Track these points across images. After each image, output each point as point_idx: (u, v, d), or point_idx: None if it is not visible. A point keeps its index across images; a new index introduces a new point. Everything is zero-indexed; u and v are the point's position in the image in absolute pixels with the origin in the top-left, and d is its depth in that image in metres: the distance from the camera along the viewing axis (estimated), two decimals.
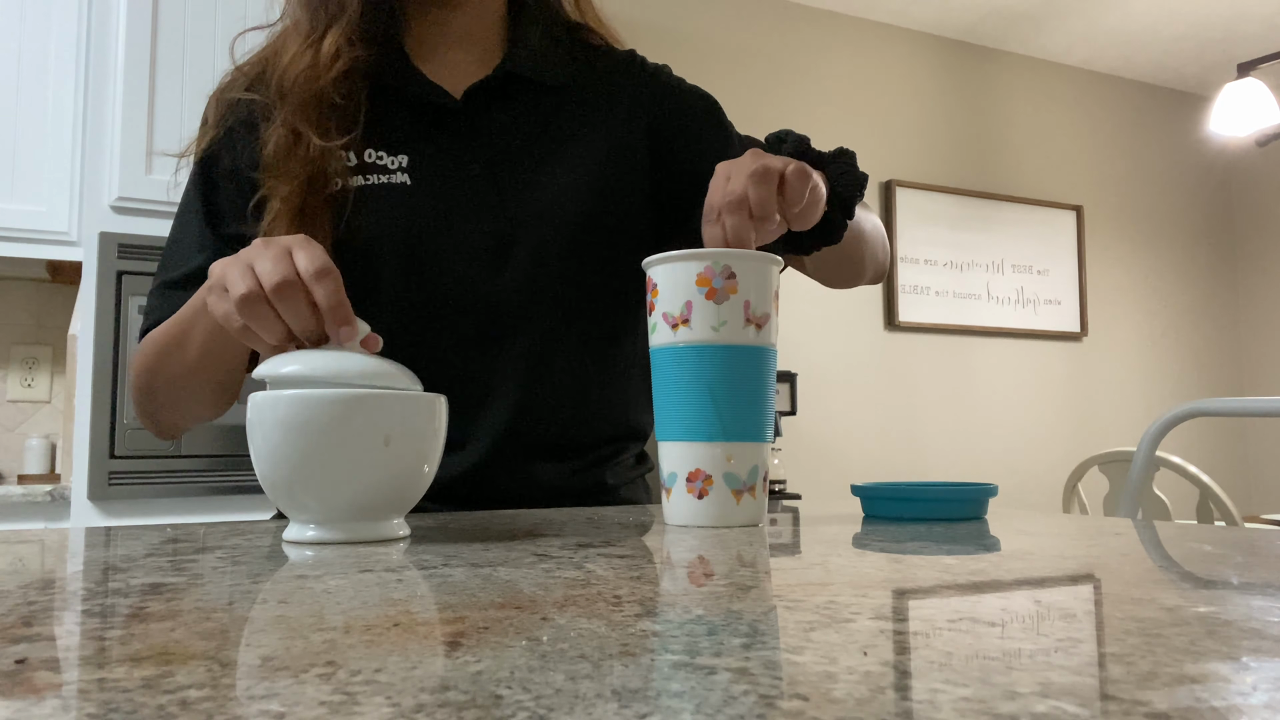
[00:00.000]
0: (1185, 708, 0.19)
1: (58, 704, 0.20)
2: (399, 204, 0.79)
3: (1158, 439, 1.33)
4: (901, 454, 3.29)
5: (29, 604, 0.32)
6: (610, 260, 0.85)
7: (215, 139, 0.82)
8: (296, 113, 0.77)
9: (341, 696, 0.20)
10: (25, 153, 2.04)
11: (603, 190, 0.85)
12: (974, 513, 0.66)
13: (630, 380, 0.89)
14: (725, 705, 0.20)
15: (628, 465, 0.89)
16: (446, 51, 0.86)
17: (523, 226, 0.81)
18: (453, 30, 0.86)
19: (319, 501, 0.51)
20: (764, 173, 0.61)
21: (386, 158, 0.80)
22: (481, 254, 0.80)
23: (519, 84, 0.85)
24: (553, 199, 0.82)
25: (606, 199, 0.85)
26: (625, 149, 0.87)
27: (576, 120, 0.86)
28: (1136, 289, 3.86)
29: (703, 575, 0.38)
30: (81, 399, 1.76)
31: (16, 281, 2.37)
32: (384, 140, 0.80)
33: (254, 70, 0.82)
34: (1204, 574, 0.38)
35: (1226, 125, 2.78)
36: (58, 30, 2.08)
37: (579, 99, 0.87)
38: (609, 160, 0.86)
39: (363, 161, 0.80)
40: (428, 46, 0.86)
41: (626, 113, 0.89)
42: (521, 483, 0.81)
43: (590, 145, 0.86)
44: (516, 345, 0.81)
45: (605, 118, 0.88)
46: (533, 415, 0.81)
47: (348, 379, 0.52)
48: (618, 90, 0.90)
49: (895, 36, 3.46)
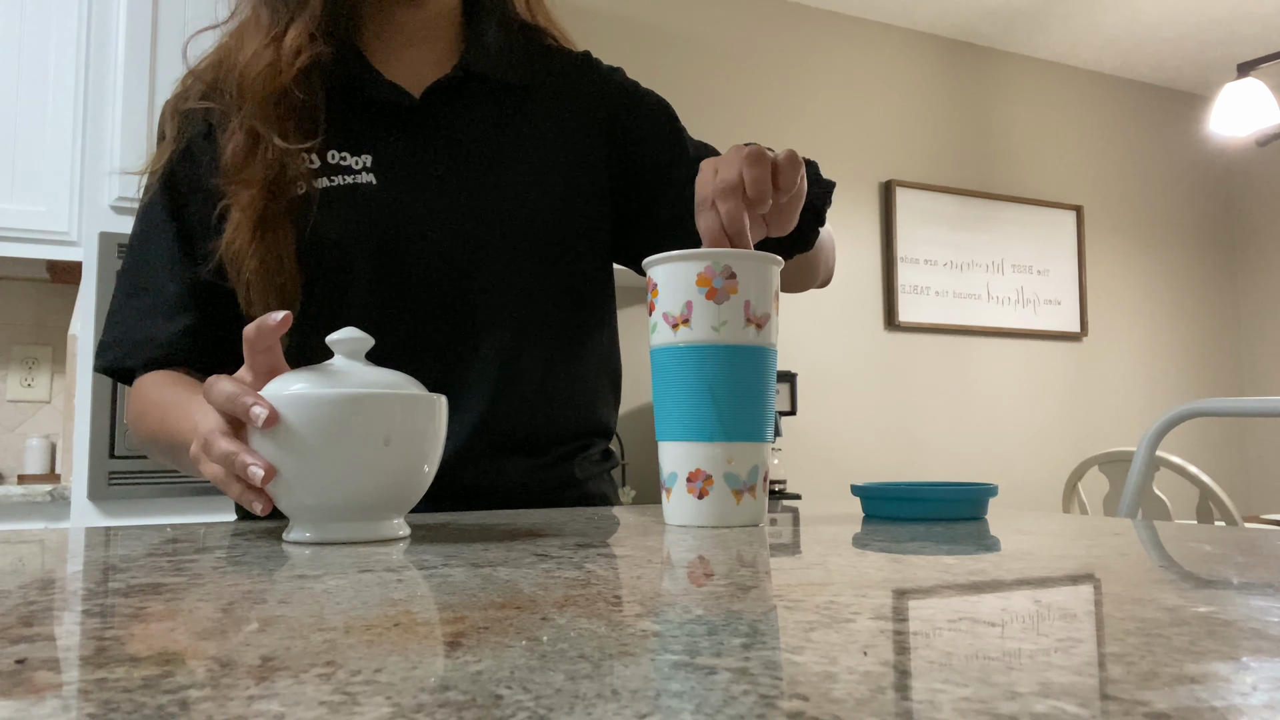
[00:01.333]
0: (1185, 708, 0.19)
1: (58, 704, 0.20)
2: (367, 204, 0.78)
3: (1158, 439, 1.33)
4: (901, 454, 3.29)
5: (29, 604, 0.32)
6: (576, 257, 0.86)
7: (175, 153, 0.81)
8: (256, 113, 0.75)
9: (341, 696, 0.20)
10: (25, 153, 2.04)
11: (566, 188, 0.85)
12: (974, 513, 0.66)
13: (595, 376, 0.90)
14: (725, 705, 0.20)
15: (594, 460, 0.90)
16: (403, 50, 0.86)
17: (491, 227, 0.81)
18: (409, 29, 0.86)
19: (319, 501, 0.51)
20: (758, 155, 0.61)
21: (350, 158, 0.79)
22: (453, 254, 0.81)
23: (477, 82, 0.85)
24: (518, 198, 0.83)
25: (570, 197, 0.85)
26: (584, 147, 0.88)
27: (536, 118, 0.87)
28: (1136, 289, 3.86)
29: (703, 575, 0.38)
30: (81, 399, 1.76)
31: (16, 281, 2.37)
32: (346, 141, 0.79)
33: (209, 74, 0.81)
34: (1204, 574, 0.38)
35: (1226, 125, 2.78)
36: (58, 30, 2.08)
37: (537, 98, 0.88)
38: (570, 158, 0.86)
39: (326, 163, 0.79)
40: (383, 45, 0.86)
41: (584, 111, 0.89)
42: (491, 478, 0.81)
43: (551, 144, 0.86)
44: (488, 343, 0.81)
45: (564, 116, 0.88)
46: (503, 411, 0.81)
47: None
48: (574, 89, 0.90)
49: (895, 36, 3.46)
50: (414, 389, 0.54)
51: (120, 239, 1.77)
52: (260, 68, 0.76)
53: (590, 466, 0.89)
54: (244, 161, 0.75)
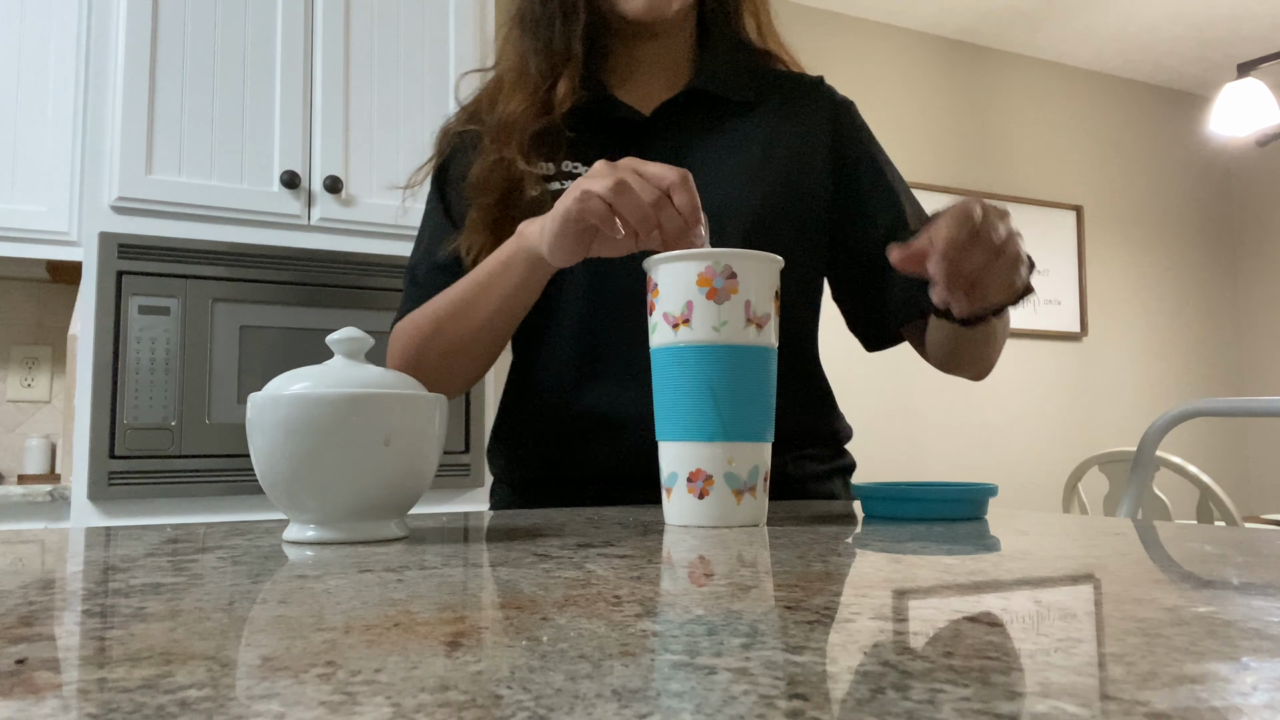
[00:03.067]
0: (1185, 708, 0.19)
1: (58, 704, 0.20)
2: None
3: (1158, 439, 1.33)
4: (901, 454, 3.29)
5: (29, 604, 0.32)
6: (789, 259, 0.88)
7: (441, 161, 0.95)
8: (513, 144, 0.86)
9: (341, 696, 0.20)
10: (25, 153, 2.04)
11: (781, 190, 0.89)
12: (974, 513, 0.66)
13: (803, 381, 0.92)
14: (725, 705, 0.20)
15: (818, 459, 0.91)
16: (640, 76, 0.94)
17: None
18: (647, 58, 0.94)
19: (319, 501, 0.51)
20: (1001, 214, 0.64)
21: (582, 167, 0.87)
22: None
23: (705, 100, 0.91)
24: (728, 196, 0.86)
25: (784, 198, 0.89)
26: (806, 155, 0.92)
27: (759, 130, 0.91)
28: (1136, 289, 3.86)
29: (703, 575, 0.38)
30: (81, 399, 1.76)
31: (16, 281, 2.37)
32: (578, 153, 0.88)
33: (471, 106, 0.95)
34: (1204, 574, 0.38)
35: (1226, 125, 2.78)
36: (58, 30, 2.08)
37: (761, 112, 0.92)
38: (788, 163, 0.90)
39: (560, 170, 0.87)
40: (622, 73, 0.94)
41: (811, 127, 0.93)
42: None
43: (771, 150, 0.90)
44: None
45: (785, 127, 0.92)
46: None
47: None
48: (804, 109, 0.95)
49: (895, 36, 3.46)
50: (414, 389, 0.54)
51: (120, 239, 1.77)
52: (530, 114, 0.87)
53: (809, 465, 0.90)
54: (488, 176, 0.86)
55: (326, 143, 1.94)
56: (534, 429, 0.90)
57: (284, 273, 1.88)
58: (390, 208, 1.98)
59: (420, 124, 2.03)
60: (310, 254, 1.91)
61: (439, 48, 2.07)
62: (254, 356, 1.85)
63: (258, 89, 1.90)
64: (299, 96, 1.93)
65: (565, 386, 0.87)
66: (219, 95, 1.87)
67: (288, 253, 1.89)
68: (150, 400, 1.77)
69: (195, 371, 1.80)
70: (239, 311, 1.84)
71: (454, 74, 2.07)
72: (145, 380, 1.77)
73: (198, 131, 1.85)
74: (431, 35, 2.07)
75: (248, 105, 1.89)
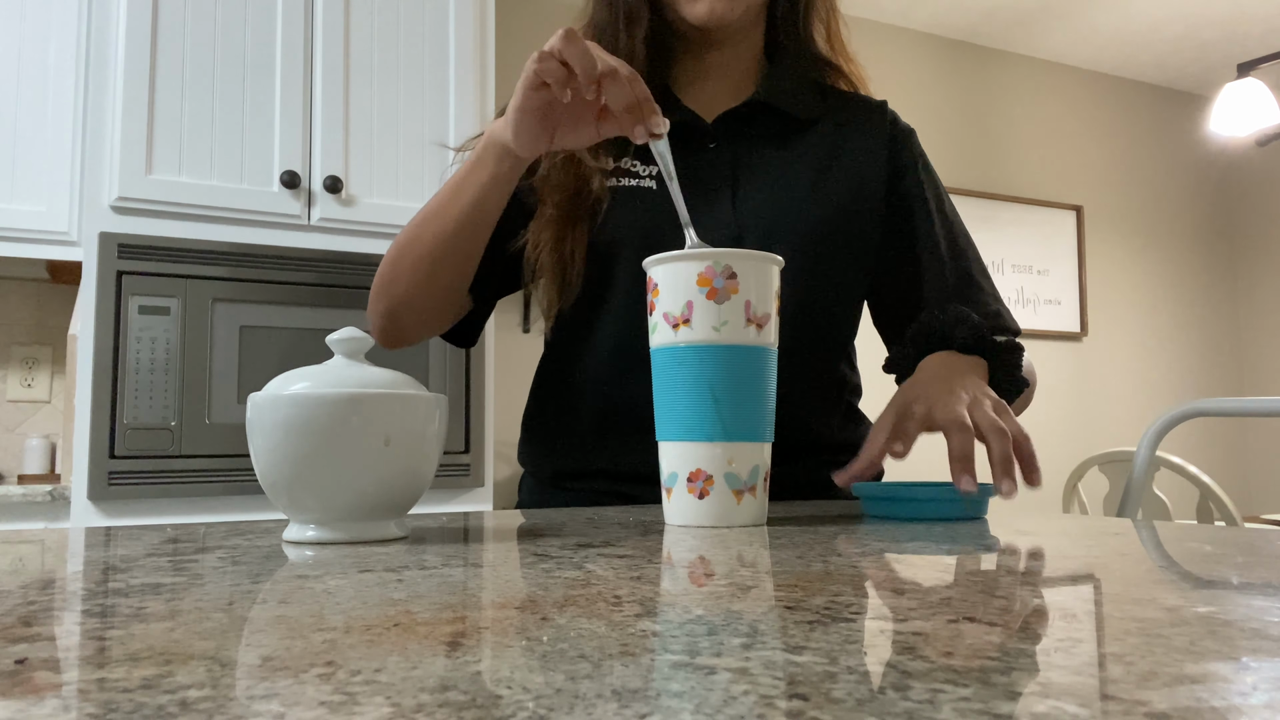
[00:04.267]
0: (1185, 708, 0.19)
1: (58, 704, 0.20)
2: (642, 204, 0.87)
3: (1158, 439, 1.33)
4: None
5: (29, 604, 0.32)
6: (838, 273, 0.91)
7: None
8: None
9: (341, 696, 0.20)
10: (25, 153, 2.04)
11: (835, 209, 0.90)
12: (974, 513, 0.66)
13: (830, 389, 0.95)
14: (725, 705, 0.20)
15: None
16: (705, 84, 0.95)
17: (751, 231, 0.87)
18: (713, 67, 0.95)
19: (319, 501, 0.51)
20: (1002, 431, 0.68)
21: (640, 166, 0.89)
22: None
23: (768, 113, 0.92)
24: (783, 210, 0.88)
25: (837, 217, 0.90)
26: (864, 178, 0.93)
27: (819, 148, 0.92)
28: (1136, 289, 3.86)
29: (703, 575, 0.38)
30: (81, 399, 1.76)
31: (16, 281, 2.37)
32: (640, 153, 0.89)
33: None
34: (1204, 574, 0.38)
35: (1226, 125, 2.78)
36: (58, 30, 2.08)
37: (822, 129, 0.94)
38: (845, 184, 0.91)
39: (619, 167, 0.89)
40: (687, 80, 0.95)
41: (870, 151, 0.94)
42: None
43: (829, 169, 0.91)
44: None
45: (844, 146, 0.93)
46: None
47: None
48: (864, 129, 0.96)
49: (895, 36, 3.46)
50: (414, 389, 0.54)
51: (120, 239, 1.77)
52: None
53: None
54: (561, 174, 0.87)
55: (326, 143, 1.94)
56: (569, 423, 0.91)
57: (284, 273, 1.88)
58: (390, 208, 1.98)
59: (420, 124, 2.03)
60: (310, 254, 1.91)
61: (439, 48, 2.07)
62: (254, 356, 1.85)
63: (258, 89, 1.90)
64: (299, 96, 1.93)
65: (605, 380, 0.88)
66: (219, 95, 1.87)
67: (288, 253, 1.89)
68: (150, 400, 1.77)
69: (195, 372, 1.80)
70: (239, 311, 1.84)
71: (454, 74, 2.07)
72: (145, 380, 1.77)
73: (198, 131, 1.85)
74: (431, 35, 2.07)
75: (248, 105, 1.89)
